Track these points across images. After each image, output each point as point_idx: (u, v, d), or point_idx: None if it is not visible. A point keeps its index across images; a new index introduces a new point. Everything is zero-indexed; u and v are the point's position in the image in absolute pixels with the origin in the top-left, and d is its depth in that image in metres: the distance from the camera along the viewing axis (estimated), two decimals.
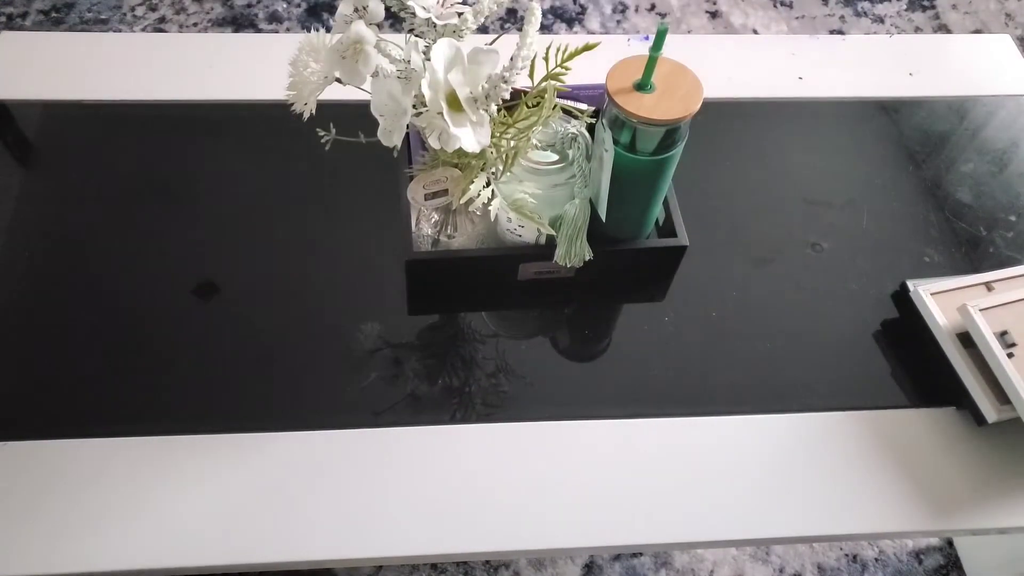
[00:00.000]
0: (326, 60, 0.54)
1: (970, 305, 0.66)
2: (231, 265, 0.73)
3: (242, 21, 1.76)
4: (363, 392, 0.66)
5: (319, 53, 0.55)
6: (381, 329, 0.69)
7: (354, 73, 0.53)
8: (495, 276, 0.71)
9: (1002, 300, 0.67)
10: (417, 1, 0.54)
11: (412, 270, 0.69)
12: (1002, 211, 0.81)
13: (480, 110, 0.53)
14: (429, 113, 0.52)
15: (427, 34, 0.55)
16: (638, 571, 1.18)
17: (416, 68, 0.53)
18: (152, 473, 0.61)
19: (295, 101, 0.56)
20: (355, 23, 0.52)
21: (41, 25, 1.74)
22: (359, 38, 0.52)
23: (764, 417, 0.67)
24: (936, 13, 1.91)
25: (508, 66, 0.53)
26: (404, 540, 0.59)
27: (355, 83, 0.53)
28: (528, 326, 0.71)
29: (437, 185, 0.62)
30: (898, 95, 0.89)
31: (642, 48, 0.92)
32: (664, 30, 0.56)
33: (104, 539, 0.58)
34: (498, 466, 0.63)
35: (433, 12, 0.55)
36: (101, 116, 0.83)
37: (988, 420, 0.64)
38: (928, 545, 1.25)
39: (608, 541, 0.61)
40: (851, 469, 0.65)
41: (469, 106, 0.52)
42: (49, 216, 0.75)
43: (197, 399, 0.65)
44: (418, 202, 0.62)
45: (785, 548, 1.23)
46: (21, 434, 0.62)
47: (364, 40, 0.52)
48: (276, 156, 0.81)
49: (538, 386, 0.67)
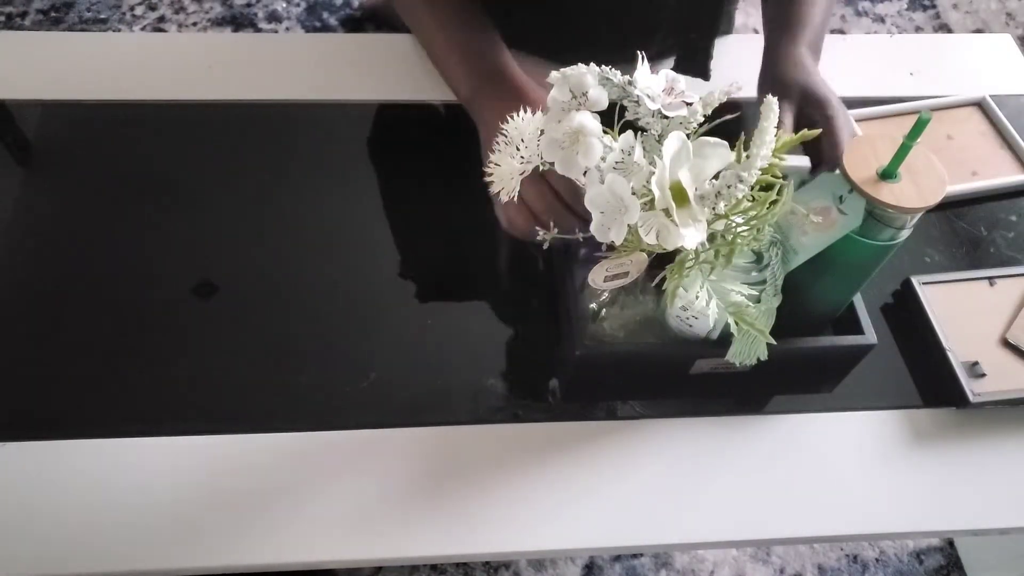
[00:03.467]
0: (544, 148, 0.50)
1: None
2: (230, 265, 0.72)
3: (241, 20, 1.76)
4: (362, 393, 0.66)
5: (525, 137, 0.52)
6: (379, 329, 0.69)
7: (572, 164, 0.50)
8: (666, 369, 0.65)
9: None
10: (644, 90, 0.50)
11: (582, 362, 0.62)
12: (1003, 211, 0.81)
13: (707, 208, 0.49)
14: (655, 211, 0.49)
15: (652, 126, 0.51)
16: (638, 572, 1.18)
17: (638, 162, 0.49)
18: (152, 473, 0.61)
19: (497, 186, 0.52)
20: (579, 113, 0.49)
21: (40, 25, 1.74)
22: (582, 129, 0.48)
23: (764, 417, 0.67)
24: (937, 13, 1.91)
25: (744, 163, 0.49)
26: (404, 540, 0.59)
27: (571, 174, 0.50)
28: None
29: (620, 268, 0.57)
30: (899, 95, 0.89)
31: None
32: (927, 119, 0.51)
33: (104, 539, 0.58)
34: (498, 466, 0.63)
35: (660, 102, 0.51)
36: (100, 116, 0.82)
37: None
38: (929, 545, 1.25)
39: (608, 542, 0.61)
40: (851, 469, 0.65)
41: (698, 204, 0.49)
42: (48, 216, 0.75)
43: (197, 400, 0.65)
44: (598, 284, 0.57)
45: (786, 548, 1.23)
46: (21, 434, 0.62)
47: (587, 131, 0.49)
48: (276, 156, 0.81)
49: (532, 386, 0.67)
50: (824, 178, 0.55)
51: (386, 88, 0.86)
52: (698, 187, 0.49)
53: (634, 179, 0.49)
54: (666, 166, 0.48)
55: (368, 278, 0.73)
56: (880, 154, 0.55)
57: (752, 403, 0.68)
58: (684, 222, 0.48)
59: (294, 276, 0.72)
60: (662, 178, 0.48)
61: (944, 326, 0.70)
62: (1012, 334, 0.70)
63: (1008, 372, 0.68)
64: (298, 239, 0.74)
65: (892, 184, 0.54)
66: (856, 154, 0.55)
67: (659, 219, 0.49)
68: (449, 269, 0.74)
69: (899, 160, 0.53)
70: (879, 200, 0.53)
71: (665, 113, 0.50)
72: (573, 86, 0.50)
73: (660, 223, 0.49)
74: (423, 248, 0.75)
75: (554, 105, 0.50)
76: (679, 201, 0.49)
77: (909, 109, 0.87)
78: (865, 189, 0.54)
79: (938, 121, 0.87)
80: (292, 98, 0.85)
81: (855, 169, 0.55)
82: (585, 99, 0.50)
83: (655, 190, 0.48)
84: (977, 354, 0.69)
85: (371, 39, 0.92)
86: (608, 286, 0.58)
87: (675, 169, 0.48)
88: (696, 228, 0.49)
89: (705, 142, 0.49)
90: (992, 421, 0.67)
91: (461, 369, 0.68)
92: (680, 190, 0.48)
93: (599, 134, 0.49)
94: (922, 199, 0.53)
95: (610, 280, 0.57)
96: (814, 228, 0.58)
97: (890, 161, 0.53)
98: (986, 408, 0.66)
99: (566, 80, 0.50)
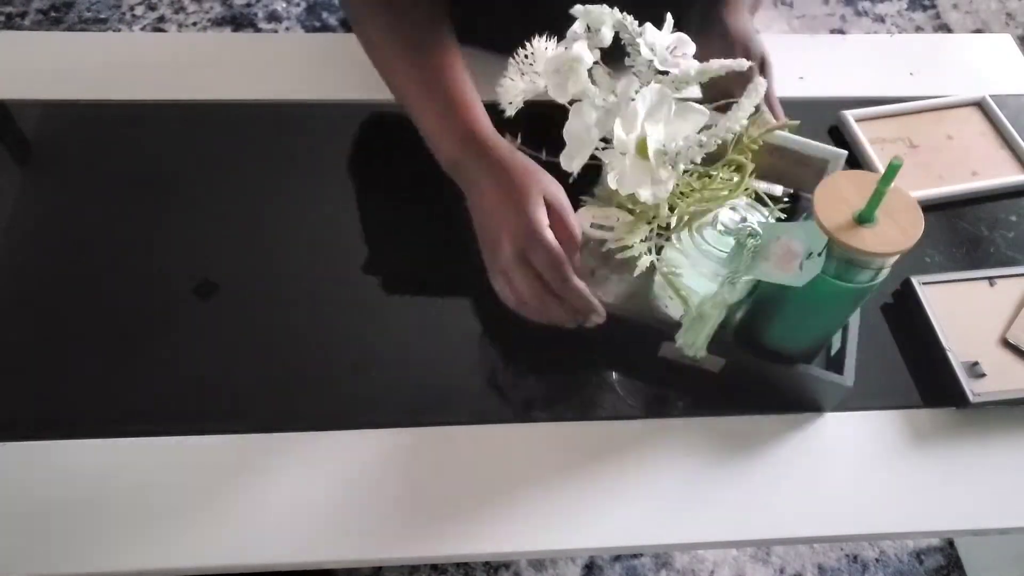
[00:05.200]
0: (543, 68, 0.53)
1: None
2: (230, 265, 0.72)
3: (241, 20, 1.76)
4: (362, 392, 0.66)
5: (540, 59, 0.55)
6: (379, 329, 0.69)
7: (561, 89, 0.53)
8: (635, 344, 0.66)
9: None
10: (647, 39, 0.53)
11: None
12: (1003, 211, 0.81)
13: (667, 166, 0.51)
14: (614, 151, 0.51)
15: (643, 76, 0.53)
16: (638, 572, 1.18)
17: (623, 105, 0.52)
18: (152, 473, 0.61)
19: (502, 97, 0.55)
20: (578, 42, 0.52)
21: (40, 25, 1.74)
22: (576, 56, 0.51)
23: (764, 417, 0.67)
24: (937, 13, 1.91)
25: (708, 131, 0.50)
26: (404, 540, 0.59)
27: (559, 98, 0.53)
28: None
29: (606, 220, 0.60)
30: (899, 95, 0.89)
31: None
32: (898, 166, 0.51)
33: (104, 539, 0.58)
34: (498, 466, 0.63)
35: (658, 55, 0.53)
36: (100, 116, 0.82)
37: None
38: (929, 545, 1.25)
39: (608, 542, 0.61)
40: (851, 469, 0.65)
41: (657, 159, 0.51)
42: (48, 216, 0.75)
43: (197, 399, 0.65)
44: (583, 228, 0.59)
45: (786, 549, 1.23)
46: (21, 434, 0.62)
47: (580, 60, 0.51)
48: (277, 155, 0.81)
49: (530, 388, 0.67)
50: (812, 227, 0.55)
51: (385, 88, 0.86)
52: (666, 144, 0.50)
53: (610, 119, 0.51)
54: (637, 113, 0.49)
55: (369, 277, 0.73)
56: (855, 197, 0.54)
57: (752, 403, 0.67)
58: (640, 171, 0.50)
59: (292, 275, 0.72)
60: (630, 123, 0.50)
61: (944, 326, 0.70)
62: (1012, 334, 0.70)
63: (1008, 372, 0.68)
64: (298, 239, 0.74)
65: (869, 228, 0.53)
66: (832, 196, 0.54)
67: (620, 163, 0.50)
68: (450, 269, 0.74)
69: (875, 205, 0.53)
70: (855, 248, 0.53)
71: (657, 67, 0.52)
72: (591, 21, 0.53)
73: (622, 167, 0.50)
74: (422, 247, 0.75)
75: (570, 35, 0.53)
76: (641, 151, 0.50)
77: (909, 109, 0.87)
78: (842, 235, 0.53)
79: (938, 121, 0.87)
80: (292, 98, 0.85)
81: (830, 215, 0.54)
82: (596, 34, 0.52)
83: (618, 131, 0.49)
84: (977, 354, 0.69)
85: None
86: (594, 233, 0.59)
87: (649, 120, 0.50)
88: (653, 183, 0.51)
89: (687, 105, 0.51)
90: (992, 421, 0.67)
91: (461, 369, 0.68)
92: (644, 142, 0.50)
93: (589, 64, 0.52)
94: (899, 242, 0.53)
95: (596, 229, 0.59)
96: (775, 261, 0.58)
97: (866, 206, 0.53)
98: (986, 408, 0.66)
99: (588, 14, 0.53)
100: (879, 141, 0.85)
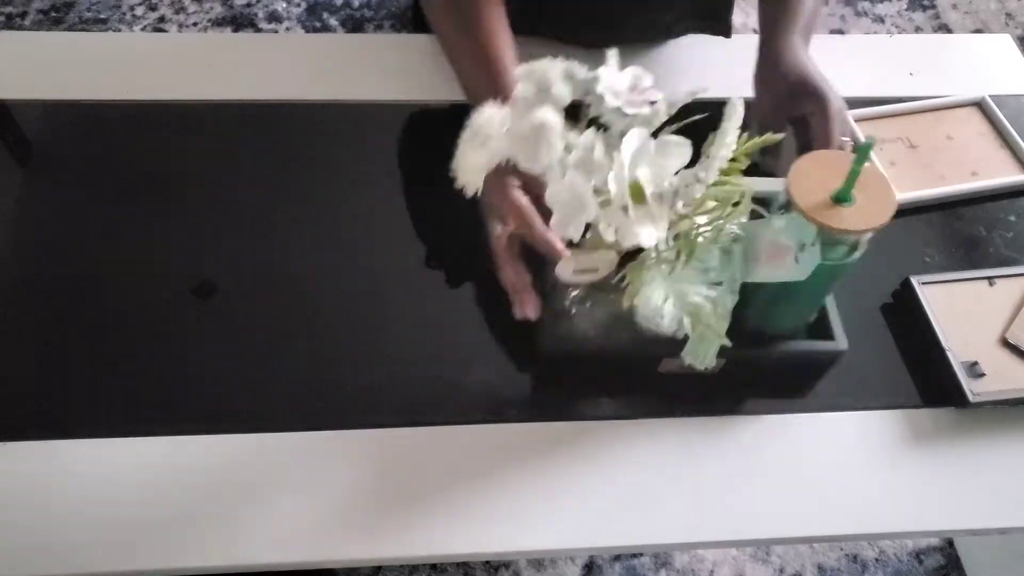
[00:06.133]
0: (505, 142, 0.50)
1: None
2: (230, 265, 0.72)
3: (241, 20, 1.76)
4: (362, 393, 0.66)
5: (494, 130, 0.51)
6: (379, 329, 0.69)
7: (533, 159, 0.49)
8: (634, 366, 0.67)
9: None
10: (607, 87, 0.50)
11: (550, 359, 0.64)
12: (1003, 211, 0.81)
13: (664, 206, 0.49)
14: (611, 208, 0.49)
15: (613, 123, 0.51)
16: (638, 571, 1.18)
17: (599, 159, 0.49)
18: (152, 473, 0.61)
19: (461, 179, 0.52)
20: (542, 108, 0.48)
21: (40, 25, 1.74)
22: (543, 124, 0.48)
23: (764, 418, 0.67)
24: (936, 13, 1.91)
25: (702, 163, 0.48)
26: (404, 540, 0.59)
27: (532, 169, 0.50)
28: None
29: (589, 263, 0.57)
30: (899, 95, 0.89)
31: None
32: (870, 144, 0.52)
33: (104, 539, 0.58)
34: (498, 466, 0.63)
35: (622, 100, 0.50)
36: (100, 116, 0.82)
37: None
38: (928, 545, 1.25)
39: (608, 541, 0.61)
40: (851, 469, 0.65)
41: (655, 202, 0.48)
42: (48, 216, 0.75)
43: (197, 399, 0.65)
44: (565, 278, 0.57)
45: (785, 548, 1.23)
46: (21, 434, 0.62)
47: (548, 127, 0.48)
48: (277, 155, 0.81)
49: (530, 389, 0.67)
50: (797, 219, 0.55)
51: (386, 88, 0.86)
52: (657, 186, 0.49)
53: (595, 176, 0.49)
54: (624, 163, 0.48)
55: (369, 278, 0.73)
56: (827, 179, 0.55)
57: (751, 404, 0.68)
58: (641, 220, 0.48)
59: (292, 275, 0.72)
60: (620, 175, 0.48)
61: (944, 326, 0.70)
62: (1012, 334, 0.70)
63: (1008, 372, 0.68)
64: (298, 239, 0.74)
65: (848, 207, 0.55)
66: (804, 183, 0.56)
67: (618, 217, 0.49)
68: (450, 268, 0.74)
69: (851, 185, 0.54)
70: (831, 227, 0.54)
71: (625, 111, 0.50)
72: (538, 81, 0.50)
73: (619, 221, 0.49)
74: (421, 248, 0.75)
75: (519, 100, 0.50)
76: (637, 199, 0.49)
77: (909, 109, 0.87)
78: (827, 218, 0.54)
79: (938, 121, 0.87)
80: (292, 98, 0.85)
81: (809, 200, 0.55)
82: (548, 95, 0.49)
83: (612, 186, 0.48)
84: (977, 354, 0.69)
85: (371, 39, 0.92)
86: (577, 280, 0.58)
87: (635, 166, 0.48)
88: (655, 226, 0.49)
89: (668, 141, 0.49)
90: (992, 421, 0.67)
91: (461, 369, 0.67)
92: (639, 188, 0.49)
93: (560, 130, 0.49)
94: (880, 216, 0.55)
95: (579, 274, 0.57)
96: (767, 259, 0.58)
97: (843, 186, 0.55)
98: (986, 408, 0.66)
99: (532, 75, 0.50)
100: (879, 141, 0.85)
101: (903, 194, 0.80)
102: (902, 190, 0.80)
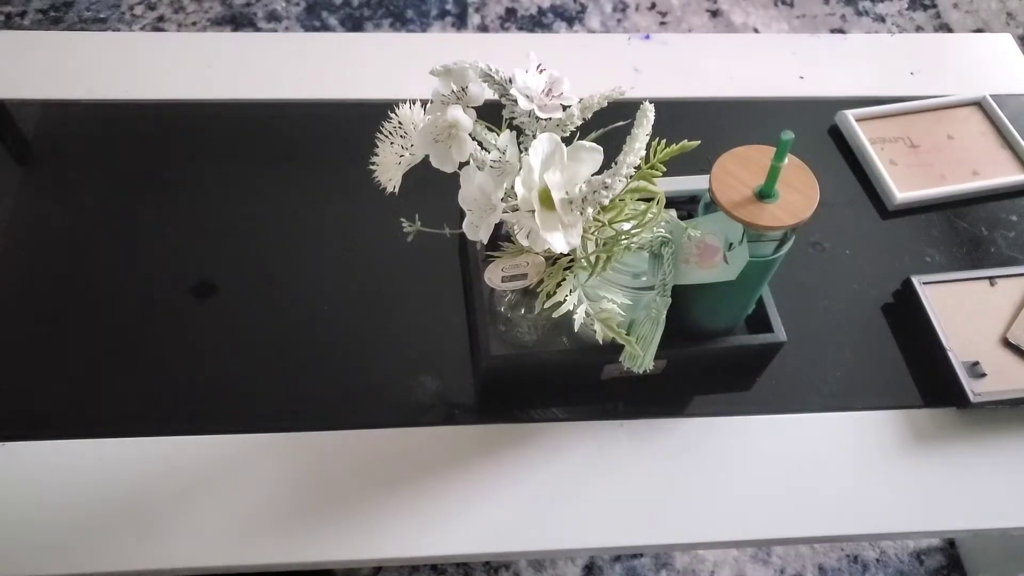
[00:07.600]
0: (417, 140, 0.50)
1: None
2: (230, 265, 0.72)
3: (241, 20, 1.75)
4: (362, 393, 0.66)
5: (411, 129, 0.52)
6: (378, 329, 0.69)
7: (445, 158, 0.49)
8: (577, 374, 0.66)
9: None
10: (521, 89, 0.50)
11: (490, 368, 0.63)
12: (1003, 211, 0.81)
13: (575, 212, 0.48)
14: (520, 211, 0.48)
15: (527, 126, 0.51)
16: (638, 572, 1.18)
17: (511, 161, 0.49)
18: (151, 473, 0.61)
19: (380, 176, 0.52)
20: (452, 107, 0.48)
21: (40, 24, 1.74)
22: (455, 123, 0.48)
23: (765, 418, 0.67)
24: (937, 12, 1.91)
25: (611, 171, 0.48)
26: (404, 540, 0.59)
27: (445, 168, 0.50)
28: None
29: (516, 269, 0.57)
30: (899, 94, 0.89)
31: (644, 48, 0.92)
32: (789, 140, 0.52)
33: (103, 538, 0.58)
34: (498, 466, 0.63)
35: (537, 103, 0.50)
36: (99, 115, 0.82)
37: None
38: (929, 546, 1.24)
39: (608, 542, 0.61)
40: (852, 469, 0.65)
41: (563, 208, 0.48)
42: (48, 215, 0.75)
43: (196, 399, 0.65)
44: (494, 284, 0.57)
45: (786, 549, 1.23)
46: (21, 434, 0.62)
47: (460, 126, 0.48)
48: (276, 155, 0.81)
49: (531, 390, 0.67)
50: (723, 218, 0.55)
51: (385, 87, 0.86)
52: (569, 191, 0.48)
53: (507, 179, 0.48)
54: (533, 167, 0.47)
55: (369, 277, 0.73)
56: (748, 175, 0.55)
57: (751, 404, 0.67)
58: (550, 224, 0.47)
59: (292, 275, 0.72)
60: (528, 179, 0.47)
61: (944, 326, 0.70)
62: (1012, 334, 0.70)
63: (1008, 372, 0.68)
64: (296, 239, 0.74)
65: (772, 203, 0.54)
66: (727, 181, 0.55)
67: (531, 220, 0.48)
68: (450, 266, 0.74)
69: (773, 180, 0.54)
70: (756, 224, 0.54)
71: (539, 114, 0.50)
72: (455, 80, 0.49)
73: (531, 225, 0.48)
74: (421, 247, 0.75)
75: (436, 98, 0.50)
76: (546, 204, 0.48)
77: (909, 109, 0.87)
78: (753, 216, 0.54)
79: (939, 120, 0.87)
80: (292, 98, 0.85)
81: (733, 199, 0.54)
82: (464, 94, 0.49)
83: (519, 190, 0.47)
84: (977, 354, 0.68)
85: (371, 39, 0.92)
86: (507, 286, 0.58)
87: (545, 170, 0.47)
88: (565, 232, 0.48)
89: (580, 146, 0.48)
90: (992, 421, 0.67)
91: (461, 368, 0.67)
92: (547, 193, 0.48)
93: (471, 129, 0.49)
94: (804, 208, 0.54)
95: (508, 281, 0.57)
96: (697, 260, 0.58)
97: (766, 183, 0.54)
98: (986, 408, 0.66)
99: (448, 74, 0.49)
100: (879, 141, 0.85)
101: (904, 194, 0.80)
102: (903, 190, 0.80)
